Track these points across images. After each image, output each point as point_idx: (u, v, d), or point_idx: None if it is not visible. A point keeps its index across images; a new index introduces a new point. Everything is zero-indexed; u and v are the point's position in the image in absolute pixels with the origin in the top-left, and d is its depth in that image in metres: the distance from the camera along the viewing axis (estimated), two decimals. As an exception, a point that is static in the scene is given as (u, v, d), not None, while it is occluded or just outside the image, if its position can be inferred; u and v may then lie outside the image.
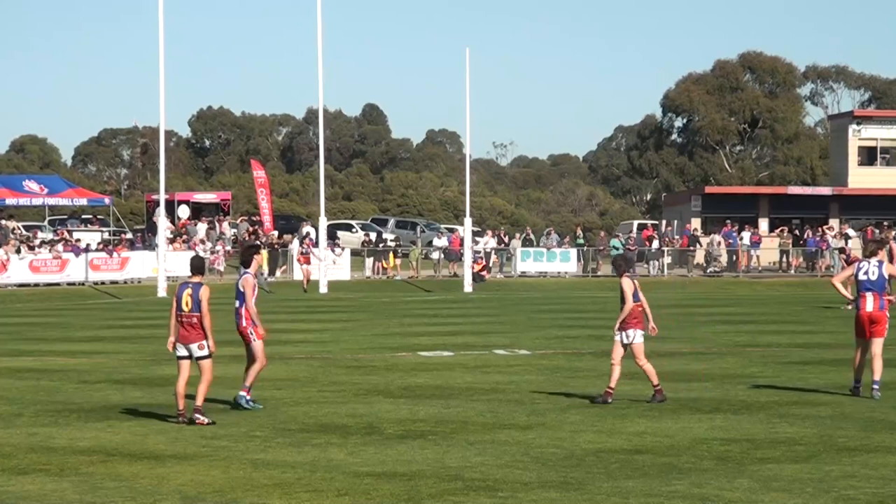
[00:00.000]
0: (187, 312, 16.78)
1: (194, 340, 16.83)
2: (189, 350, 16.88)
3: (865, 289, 19.19)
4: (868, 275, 19.24)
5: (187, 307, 16.78)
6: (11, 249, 53.05)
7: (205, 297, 16.75)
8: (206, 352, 16.86)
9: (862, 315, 19.18)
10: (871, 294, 19.15)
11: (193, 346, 16.84)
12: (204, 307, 16.71)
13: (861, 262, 19.50)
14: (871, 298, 19.14)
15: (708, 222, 67.93)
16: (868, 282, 19.20)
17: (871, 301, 19.14)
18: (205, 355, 16.88)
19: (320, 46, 54.39)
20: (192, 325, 16.80)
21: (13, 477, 13.50)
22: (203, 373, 16.93)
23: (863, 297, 19.21)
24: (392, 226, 76.20)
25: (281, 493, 12.55)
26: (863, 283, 19.23)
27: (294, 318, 36.94)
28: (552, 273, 60.78)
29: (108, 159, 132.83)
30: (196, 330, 16.81)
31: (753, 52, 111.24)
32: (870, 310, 19.12)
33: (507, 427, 16.56)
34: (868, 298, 19.15)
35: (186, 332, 16.83)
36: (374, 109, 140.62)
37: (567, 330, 32.66)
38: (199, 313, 16.71)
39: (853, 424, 16.56)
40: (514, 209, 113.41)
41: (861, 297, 19.24)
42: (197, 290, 16.79)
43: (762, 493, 12.42)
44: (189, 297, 16.77)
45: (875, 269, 19.27)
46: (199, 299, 16.73)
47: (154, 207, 61.38)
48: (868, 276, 19.23)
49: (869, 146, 72.84)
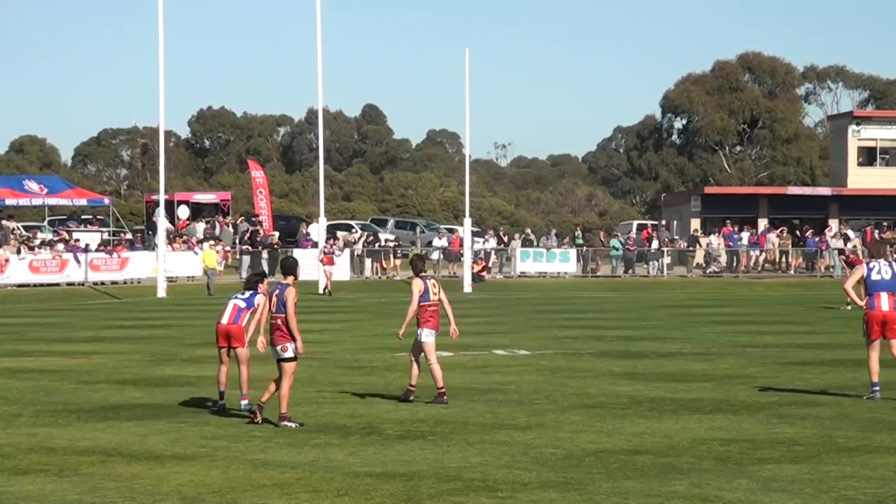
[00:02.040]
0: (273, 313, 16.69)
1: (277, 343, 16.68)
2: (274, 352, 16.75)
3: (880, 288, 18.87)
4: (882, 274, 18.96)
5: (274, 308, 16.70)
6: (12, 250, 53.05)
7: (290, 298, 16.60)
8: (288, 354, 16.65)
9: (876, 315, 18.83)
10: (886, 294, 18.83)
11: (277, 347, 16.69)
12: (289, 309, 16.57)
13: (871, 262, 19.26)
14: (886, 298, 18.83)
15: (707, 223, 67.94)
16: (882, 281, 18.90)
17: (887, 300, 18.83)
18: (287, 357, 16.66)
19: (320, 47, 54.45)
20: (277, 327, 16.68)
21: (13, 477, 13.50)
22: (284, 376, 16.71)
23: (877, 296, 18.87)
24: (392, 226, 76.18)
25: (280, 494, 12.55)
26: (876, 282, 18.92)
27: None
28: (552, 273, 60.78)
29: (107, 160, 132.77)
30: (280, 332, 16.65)
31: (752, 53, 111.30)
32: (886, 309, 18.81)
33: (506, 427, 16.56)
34: (882, 298, 18.83)
35: (272, 334, 16.72)
36: (374, 110, 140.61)
37: (566, 330, 32.67)
38: (283, 314, 16.61)
39: (853, 425, 16.57)
40: (513, 209, 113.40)
41: (875, 297, 18.88)
42: (283, 291, 16.69)
43: (762, 493, 12.43)
44: (276, 298, 16.71)
45: (888, 268, 19.01)
46: (284, 300, 16.61)
47: (154, 208, 61.39)
48: (882, 276, 18.94)
49: (868, 146, 72.87)
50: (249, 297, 18.32)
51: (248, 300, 18.30)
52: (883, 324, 18.84)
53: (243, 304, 18.28)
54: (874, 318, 18.87)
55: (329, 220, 63.44)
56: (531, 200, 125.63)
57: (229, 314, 18.22)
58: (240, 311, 18.23)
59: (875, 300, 18.90)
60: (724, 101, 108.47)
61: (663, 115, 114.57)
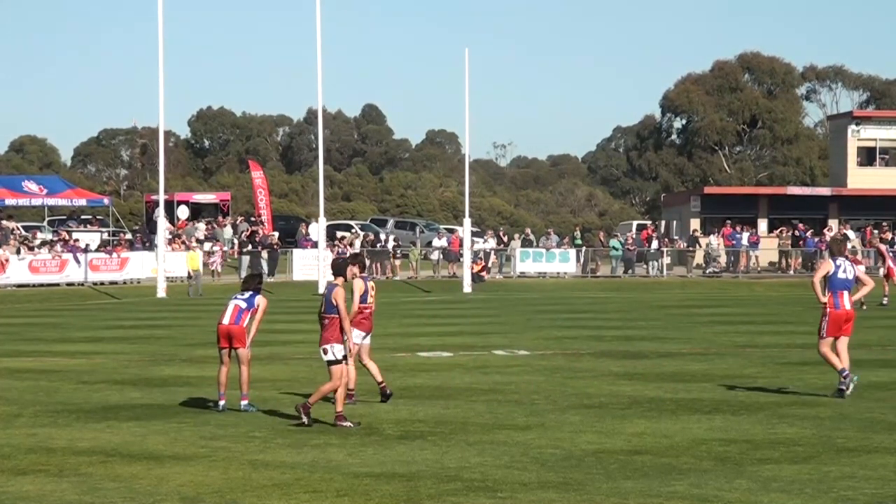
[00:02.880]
0: (322, 313, 16.68)
1: (324, 343, 16.64)
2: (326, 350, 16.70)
3: (843, 287, 19.19)
4: (846, 273, 19.29)
5: (322, 307, 16.70)
6: (11, 250, 53.06)
7: (339, 297, 16.54)
8: (328, 357, 16.55)
9: (840, 314, 19.15)
10: (847, 293, 19.25)
11: (321, 348, 16.67)
12: (341, 308, 16.50)
13: (837, 261, 19.41)
14: (847, 297, 19.26)
15: (707, 223, 67.92)
16: (847, 281, 19.27)
17: (847, 299, 19.27)
18: (332, 360, 16.57)
19: (319, 47, 54.43)
20: (325, 327, 16.65)
21: (12, 477, 13.50)
22: (331, 378, 16.64)
23: (840, 295, 19.19)
24: (391, 226, 76.19)
25: (280, 494, 12.55)
26: (843, 281, 19.22)
27: (294, 319, 36.91)
28: (551, 273, 60.78)
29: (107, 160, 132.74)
30: (328, 332, 16.60)
31: (752, 53, 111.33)
32: (848, 308, 19.25)
33: (506, 428, 16.56)
34: (845, 297, 19.22)
35: (321, 334, 16.72)
36: (374, 110, 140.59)
37: (566, 330, 32.66)
38: (331, 315, 16.57)
39: (852, 425, 16.56)
40: (513, 210, 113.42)
41: (839, 296, 19.19)
42: (331, 291, 16.67)
43: (761, 493, 12.43)
44: (323, 299, 16.73)
45: (850, 268, 19.38)
46: (334, 300, 16.57)
47: (153, 208, 61.40)
48: (847, 275, 19.29)
49: (868, 146, 72.86)
50: (249, 297, 18.32)
51: (249, 301, 18.29)
52: (846, 321, 19.19)
53: (244, 304, 18.27)
54: (839, 316, 19.16)
55: (329, 220, 63.42)
56: (531, 200, 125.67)
57: (230, 315, 18.21)
58: (241, 311, 18.22)
59: (839, 299, 19.20)
60: (724, 101, 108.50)
61: (663, 116, 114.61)
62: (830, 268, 19.32)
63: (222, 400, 18.20)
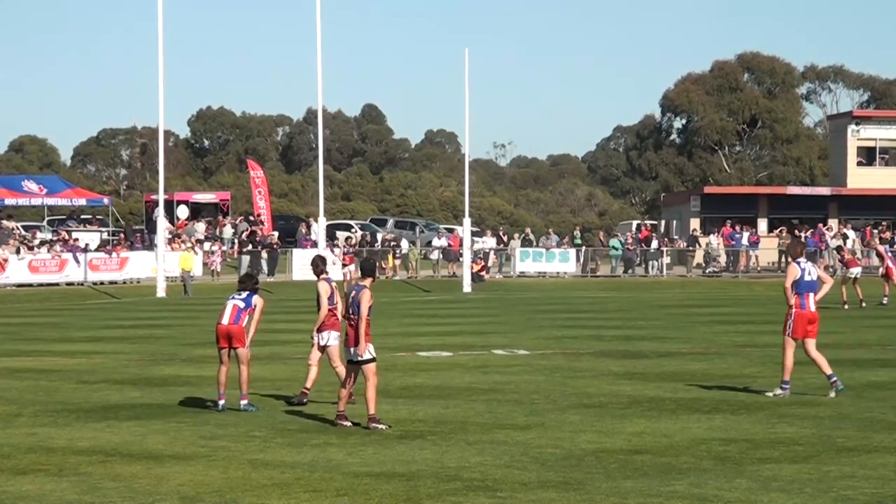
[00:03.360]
0: (351, 314, 16.44)
1: (352, 344, 16.43)
2: (349, 353, 16.48)
3: (808, 289, 19.49)
4: (812, 275, 19.60)
5: (351, 309, 16.46)
6: (11, 249, 53.05)
7: (364, 300, 16.32)
8: (367, 356, 16.35)
9: (806, 314, 19.42)
10: (812, 294, 19.53)
11: (352, 349, 16.41)
12: (363, 311, 16.24)
13: (802, 264, 19.66)
14: (812, 298, 19.53)
15: (707, 222, 67.93)
16: (812, 282, 19.57)
17: (812, 301, 19.53)
18: (366, 359, 16.36)
19: (319, 46, 54.45)
20: (352, 329, 16.43)
21: (12, 477, 13.50)
22: (367, 378, 16.41)
23: (806, 296, 19.48)
24: (391, 226, 76.19)
25: (280, 494, 12.55)
26: (809, 283, 19.51)
27: (293, 319, 36.90)
28: (551, 273, 60.77)
29: (107, 159, 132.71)
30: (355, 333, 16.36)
31: (752, 53, 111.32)
32: (813, 309, 19.52)
33: (505, 427, 16.56)
34: (810, 298, 19.50)
35: (347, 335, 16.50)
36: (374, 109, 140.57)
37: (566, 330, 32.66)
38: (357, 316, 16.33)
39: (852, 425, 16.57)
40: (513, 209, 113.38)
41: (805, 297, 19.46)
42: (359, 292, 16.44)
43: (761, 493, 12.43)
44: (352, 300, 16.43)
45: (814, 269, 19.70)
46: (359, 302, 16.33)
47: (153, 207, 61.37)
48: (812, 278, 19.60)
49: (868, 146, 72.86)
50: (247, 297, 18.32)
51: (247, 300, 18.29)
52: (810, 322, 19.44)
53: (242, 304, 18.27)
54: (805, 317, 19.41)
55: (328, 220, 63.42)
56: (531, 200, 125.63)
57: (229, 314, 18.21)
58: (240, 311, 18.22)
59: (805, 300, 19.46)
60: (724, 100, 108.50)
61: (663, 115, 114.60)
62: (797, 272, 19.54)
63: (222, 399, 18.20)
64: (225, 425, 16.87)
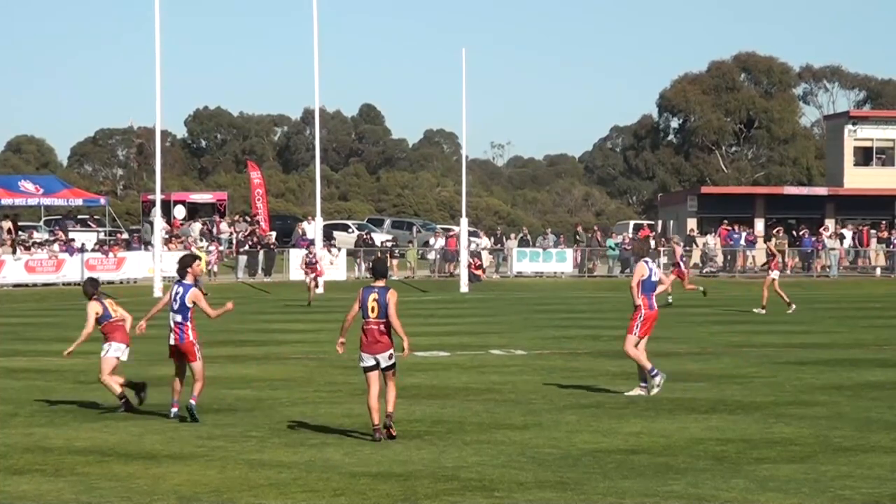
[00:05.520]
0: (374, 319, 15.64)
1: (383, 350, 15.71)
2: (377, 360, 15.68)
3: (654, 289, 19.70)
4: (656, 276, 19.82)
5: (373, 313, 15.63)
6: (8, 250, 53.03)
7: (392, 301, 15.68)
8: (393, 361, 15.71)
9: (653, 314, 19.66)
10: (653, 295, 19.68)
11: (383, 355, 15.67)
12: (391, 311, 15.59)
13: (650, 264, 19.79)
14: (654, 299, 19.71)
15: (704, 222, 67.96)
16: (656, 283, 19.77)
17: (654, 301, 19.73)
18: (392, 364, 15.72)
19: (316, 46, 54.42)
20: (382, 332, 15.65)
21: (9, 477, 13.50)
22: (389, 382, 15.73)
23: (652, 297, 19.65)
24: (388, 226, 76.17)
25: (277, 493, 12.55)
26: (653, 283, 19.70)
27: (290, 318, 36.92)
28: (548, 273, 60.78)
29: (104, 159, 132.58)
30: (385, 338, 15.65)
31: (748, 53, 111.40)
32: (655, 308, 19.73)
33: (503, 427, 16.56)
34: (653, 298, 19.68)
35: (373, 341, 15.68)
36: (371, 109, 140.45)
37: (563, 330, 32.67)
38: (385, 319, 15.61)
39: (849, 424, 16.58)
40: (510, 209, 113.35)
41: (651, 298, 19.61)
42: (383, 294, 15.71)
43: (758, 493, 12.44)
44: (375, 303, 15.64)
45: (657, 269, 19.91)
46: (387, 303, 15.68)
47: (150, 208, 61.36)
48: (656, 278, 19.83)
49: (864, 146, 72.91)
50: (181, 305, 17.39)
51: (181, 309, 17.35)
52: (653, 321, 19.73)
53: (179, 317, 17.32)
54: (652, 317, 19.63)
55: (325, 219, 63.38)
56: (528, 200, 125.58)
57: (172, 334, 17.33)
58: (181, 326, 17.34)
59: (651, 300, 19.65)
60: (721, 100, 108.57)
61: (660, 115, 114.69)
62: (645, 271, 19.66)
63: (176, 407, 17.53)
64: (222, 425, 16.87)
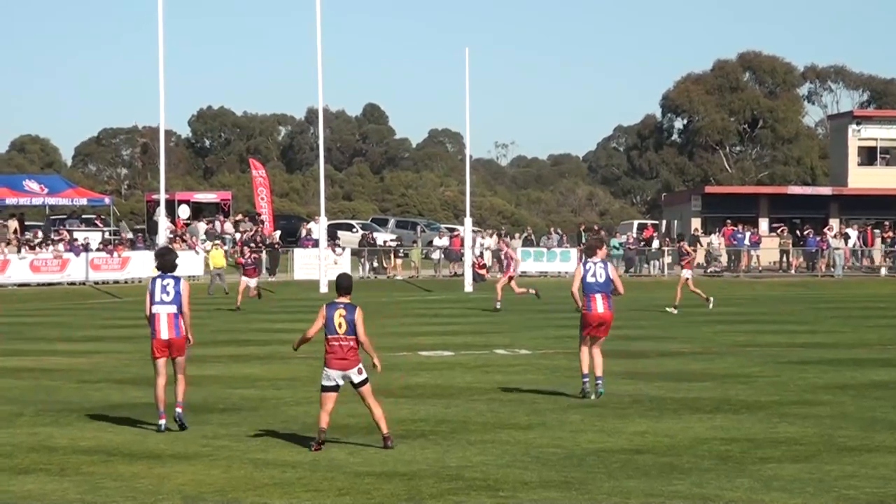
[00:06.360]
0: (342, 335, 15.08)
1: (351, 366, 15.10)
2: (347, 376, 15.08)
3: (594, 290, 19.17)
4: (596, 276, 19.22)
5: (341, 329, 15.09)
6: (13, 249, 53.06)
7: (360, 320, 15.11)
8: (364, 376, 15.13)
9: (593, 316, 19.21)
10: (600, 295, 19.18)
11: (352, 371, 15.07)
12: (360, 330, 15.06)
13: (587, 264, 19.36)
14: (601, 299, 19.18)
15: (708, 222, 67.93)
16: (597, 284, 19.19)
17: (601, 302, 19.20)
18: (364, 379, 15.12)
19: (320, 45, 54.41)
20: (351, 349, 15.07)
21: (14, 476, 13.51)
22: (365, 399, 15.16)
23: (592, 298, 19.18)
24: (392, 226, 76.18)
25: (282, 493, 12.56)
26: (591, 284, 19.20)
27: (294, 318, 36.90)
28: (552, 273, 60.77)
29: (108, 159, 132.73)
30: (353, 353, 15.07)
31: (752, 53, 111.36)
32: (601, 311, 19.22)
33: (507, 427, 16.56)
34: (597, 300, 19.17)
35: (341, 357, 15.11)
36: (375, 109, 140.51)
37: (567, 330, 32.55)
38: (354, 336, 15.08)
39: (853, 424, 16.57)
40: (514, 209, 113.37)
41: (591, 299, 19.17)
42: (351, 311, 15.14)
43: (763, 492, 12.44)
44: (343, 319, 15.10)
45: (602, 270, 19.24)
46: (355, 322, 15.07)
47: (154, 207, 61.36)
48: (596, 279, 19.21)
49: (869, 146, 72.87)
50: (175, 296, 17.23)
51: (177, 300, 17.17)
52: (598, 325, 19.28)
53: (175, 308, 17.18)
54: (591, 318, 19.26)
55: (330, 219, 63.39)
56: (531, 200, 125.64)
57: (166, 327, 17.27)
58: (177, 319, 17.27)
59: (591, 302, 19.20)
60: (725, 100, 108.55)
61: (664, 115, 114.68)
62: (581, 272, 19.36)
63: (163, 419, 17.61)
64: (227, 425, 16.89)
